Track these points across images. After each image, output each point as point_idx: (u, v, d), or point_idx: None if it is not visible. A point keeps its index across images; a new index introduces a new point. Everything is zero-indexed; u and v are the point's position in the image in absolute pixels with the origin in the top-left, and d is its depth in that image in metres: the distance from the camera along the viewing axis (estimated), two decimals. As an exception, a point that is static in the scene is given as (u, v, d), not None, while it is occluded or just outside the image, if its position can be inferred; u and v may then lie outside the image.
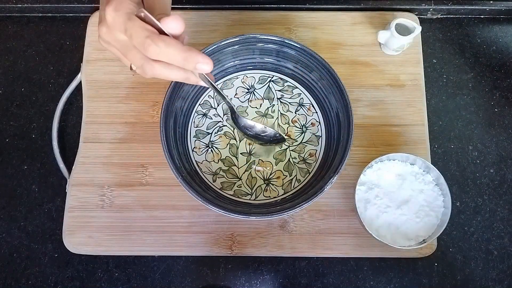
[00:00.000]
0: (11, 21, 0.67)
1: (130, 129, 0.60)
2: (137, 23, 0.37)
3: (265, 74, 0.61)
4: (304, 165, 0.58)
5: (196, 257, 0.56)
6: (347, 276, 0.56)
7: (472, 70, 0.64)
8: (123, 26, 0.38)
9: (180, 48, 0.38)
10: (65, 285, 0.56)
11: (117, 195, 0.57)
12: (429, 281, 0.56)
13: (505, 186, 0.59)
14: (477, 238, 0.57)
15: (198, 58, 0.38)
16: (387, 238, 0.52)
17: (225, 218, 0.57)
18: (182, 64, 0.38)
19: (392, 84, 0.62)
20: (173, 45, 0.37)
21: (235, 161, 0.58)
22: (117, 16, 0.38)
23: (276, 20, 0.65)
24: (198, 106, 0.60)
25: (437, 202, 0.53)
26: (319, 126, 0.59)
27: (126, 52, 0.40)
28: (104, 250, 0.56)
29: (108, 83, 0.62)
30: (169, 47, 0.37)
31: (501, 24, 0.67)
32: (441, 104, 0.63)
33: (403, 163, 0.55)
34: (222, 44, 0.55)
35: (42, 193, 0.59)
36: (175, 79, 0.41)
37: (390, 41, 0.60)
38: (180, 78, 0.41)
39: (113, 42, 0.40)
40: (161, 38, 0.37)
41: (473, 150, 0.61)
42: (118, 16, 0.38)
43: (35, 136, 0.61)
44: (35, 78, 0.64)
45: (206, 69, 0.39)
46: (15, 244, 0.57)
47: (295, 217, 0.57)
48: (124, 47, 0.39)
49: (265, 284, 0.56)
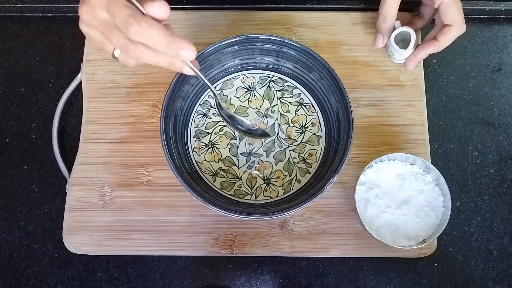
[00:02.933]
0: (11, 21, 0.67)
1: (130, 129, 0.60)
2: (120, 1, 0.36)
3: (265, 74, 0.61)
4: (304, 165, 0.58)
5: (196, 257, 0.56)
6: (347, 276, 0.56)
7: (472, 70, 0.64)
8: (105, 3, 0.37)
9: (164, 32, 0.37)
10: (65, 285, 0.56)
11: (117, 195, 0.57)
12: (429, 281, 0.56)
13: (505, 186, 0.59)
14: (477, 238, 0.57)
15: (181, 44, 0.37)
16: (387, 238, 0.52)
17: (225, 218, 0.57)
18: (164, 48, 0.37)
19: (392, 84, 0.62)
20: (156, 28, 0.36)
21: (235, 161, 0.58)
22: None
23: (276, 20, 0.65)
24: (198, 106, 0.60)
25: (437, 202, 0.53)
26: (319, 126, 0.59)
27: (108, 32, 0.38)
28: (104, 250, 0.56)
29: (108, 83, 0.62)
30: (152, 29, 0.36)
31: (501, 24, 0.67)
32: (441, 104, 0.63)
33: (403, 163, 0.55)
34: (222, 44, 0.55)
35: (42, 193, 0.59)
36: (158, 64, 0.39)
37: (393, 55, 0.61)
38: (164, 63, 0.39)
39: (95, 21, 0.38)
40: (144, 19, 0.36)
41: (473, 150, 0.61)
42: None
43: (35, 136, 0.61)
44: (35, 78, 0.64)
45: (189, 55, 0.38)
46: (15, 244, 0.57)
47: (295, 217, 0.57)
48: (106, 27, 0.38)
49: (265, 284, 0.56)
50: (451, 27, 0.57)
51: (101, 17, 0.38)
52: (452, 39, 0.58)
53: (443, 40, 0.57)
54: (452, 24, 0.57)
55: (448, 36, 0.57)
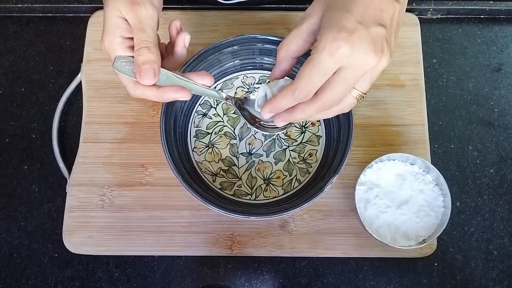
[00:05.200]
0: (11, 21, 0.67)
1: (130, 129, 0.60)
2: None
3: (265, 74, 0.61)
4: (304, 165, 0.58)
5: (196, 257, 0.56)
6: (347, 276, 0.56)
7: (472, 70, 0.64)
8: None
9: (154, 93, 0.43)
10: (65, 285, 0.56)
11: (117, 195, 0.57)
12: (429, 281, 0.56)
13: (505, 186, 0.59)
14: (477, 238, 0.57)
15: (173, 96, 0.44)
16: (387, 238, 0.52)
17: (225, 218, 0.57)
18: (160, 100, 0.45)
19: (392, 84, 0.62)
20: (149, 92, 0.44)
21: (235, 161, 0.58)
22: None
23: (276, 20, 0.65)
24: (198, 106, 0.60)
25: (437, 202, 0.53)
26: (319, 126, 0.59)
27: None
28: (104, 250, 0.56)
29: (108, 83, 0.62)
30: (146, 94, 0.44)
31: (501, 24, 0.67)
32: (441, 104, 0.63)
33: (403, 163, 0.55)
34: (222, 44, 0.55)
35: (42, 193, 0.59)
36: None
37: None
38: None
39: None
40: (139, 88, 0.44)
41: (473, 150, 0.61)
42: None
43: (35, 136, 0.61)
44: (35, 78, 0.64)
45: (184, 99, 0.44)
46: (15, 244, 0.57)
47: (295, 217, 0.57)
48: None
49: (265, 284, 0.56)
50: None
51: None
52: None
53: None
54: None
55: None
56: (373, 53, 0.35)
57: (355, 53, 0.35)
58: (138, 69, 0.42)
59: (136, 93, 0.44)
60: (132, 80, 0.43)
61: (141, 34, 0.42)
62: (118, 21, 0.42)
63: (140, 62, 0.42)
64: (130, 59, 0.43)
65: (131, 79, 0.43)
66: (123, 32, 0.43)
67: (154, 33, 0.43)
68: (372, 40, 0.35)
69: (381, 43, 0.36)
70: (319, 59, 0.36)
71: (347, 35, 0.35)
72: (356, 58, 0.35)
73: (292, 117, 0.41)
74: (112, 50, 0.43)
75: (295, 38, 0.40)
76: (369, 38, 0.35)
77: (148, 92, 0.43)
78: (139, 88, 0.43)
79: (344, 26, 0.35)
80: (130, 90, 0.44)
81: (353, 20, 0.35)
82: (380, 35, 0.36)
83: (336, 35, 0.35)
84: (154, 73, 0.42)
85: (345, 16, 0.36)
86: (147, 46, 0.42)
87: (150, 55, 0.42)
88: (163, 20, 0.62)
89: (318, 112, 0.40)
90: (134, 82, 0.43)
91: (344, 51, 0.35)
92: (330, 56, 0.35)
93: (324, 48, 0.35)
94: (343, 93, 0.38)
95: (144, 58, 0.42)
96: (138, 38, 0.42)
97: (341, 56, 0.35)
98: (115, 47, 0.43)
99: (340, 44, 0.35)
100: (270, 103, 0.41)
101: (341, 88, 0.38)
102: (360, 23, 0.35)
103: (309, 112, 0.40)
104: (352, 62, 0.36)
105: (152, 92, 0.43)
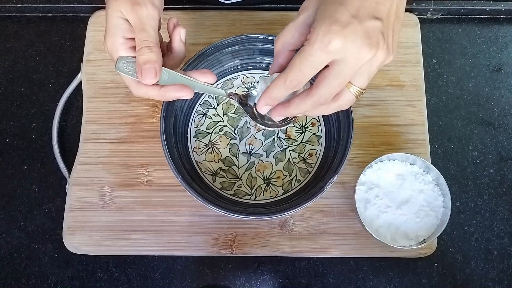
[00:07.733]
0: (11, 21, 0.67)
1: (130, 129, 0.60)
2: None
3: (265, 74, 0.61)
4: (304, 165, 0.58)
5: (196, 257, 0.56)
6: (347, 276, 0.56)
7: (472, 70, 0.64)
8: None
9: (157, 93, 0.44)
10: (65, 285, 0.56)
11: (117, 195, 0.57)
12: (429, 281, 0.56)
13: (505, 186, 0.59)
14: (477, 238, 0.57)
15: (174, 95, 0.44)
16: (387, 238, 0.52)
17: (225, 218, 0.57)
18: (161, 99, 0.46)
19: (392, 84, 0.62)
20: (151, 91, 0.44)
21: (235, 161, 0.58)
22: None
23: (276, 20, 0.65)
24: (198, 106, 0.60)
25: (437, 202, 0.53)
26: (319, 126, 0.59)
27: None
28: (104, 250, 0.56)
29: (108, 83, 0.62)
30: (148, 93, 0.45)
31: (501, 24, 0.67)
32: (441, 104, 0.63)
33: (403, 163, 0.55)
34: (222, 44, 0.55)
35: (42, 193, 0.59)
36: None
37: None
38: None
39: None
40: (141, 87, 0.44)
41: (473, 150, 0.61)
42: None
43: (35, 136, 0.61)
44: (35, 78, 0.64)
45: (187, 97, 0.45)
46: (15, 244, 0.57)
47: (295, 217, 0.57)
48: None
49: (265, 284, 0.56)
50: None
51: None
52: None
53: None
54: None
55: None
56: (367, 46, 0.35)
57: (348, 47, 0.35)
58: (139, 69, 0.42)
59: (139, 93, 0.44)
60: (135, 80, 0.44)
61: (142, 34, 0.42)
62: (120, 22, 0.43)
63: (141, 62, 0.42)
64: (132, 60, 0.43)
65: (133, 79, 0.44)
66: (125, 32, 0.43)
67: (155, 33, 0.43)
68: (366, 33, 0.35)
69: (376, 37, 0.36)
70: (310, 51, 0.36)
71: (339, 28, 0.35)
72: (350, 52, 0.35)
73: (287, 111, 0.41)
74: (115, 51, 0.43)
75: (291, 30, 0.40)
76: (363, 32, 0.35)
77: (150, 92, 0.44)
78: (142, 88, 0.44)
79: (337, 20, 0.35)
80: (133, 90, 0.45)
81: (347, 13, 0.35)
82: (375, 29, 0.36)
83: (329, 28, 0.35)
84: (155, 72, 0.42)
85: (339, 9, 0.35)
86: (148, 46, 0.42)
87: (151, 54, 0.42)
88: (163, 20, 0.62)
89: (314, 107, 0.40)
90: (136, 82, 0.44)
91: (336, 44, 0.35)
92: (321, 49, 0.35)
93: (315, 41, 0.35)
94: (337, 87, 0.38)
95: (145, 58, 0.42)
96: (139, 38, 0.42)
97: (332, 50, 0.35)
98: (117, 48, 0.43)
99: (331, 37, 0.35)
100: (265, 93, 0.41)
101: (335, 82, 0.37)
102: (354, 16, 0.35)
103: (305, 107, 0.40)
104: (346, 56, 0.36)
105: (154, 91, 0.44)
